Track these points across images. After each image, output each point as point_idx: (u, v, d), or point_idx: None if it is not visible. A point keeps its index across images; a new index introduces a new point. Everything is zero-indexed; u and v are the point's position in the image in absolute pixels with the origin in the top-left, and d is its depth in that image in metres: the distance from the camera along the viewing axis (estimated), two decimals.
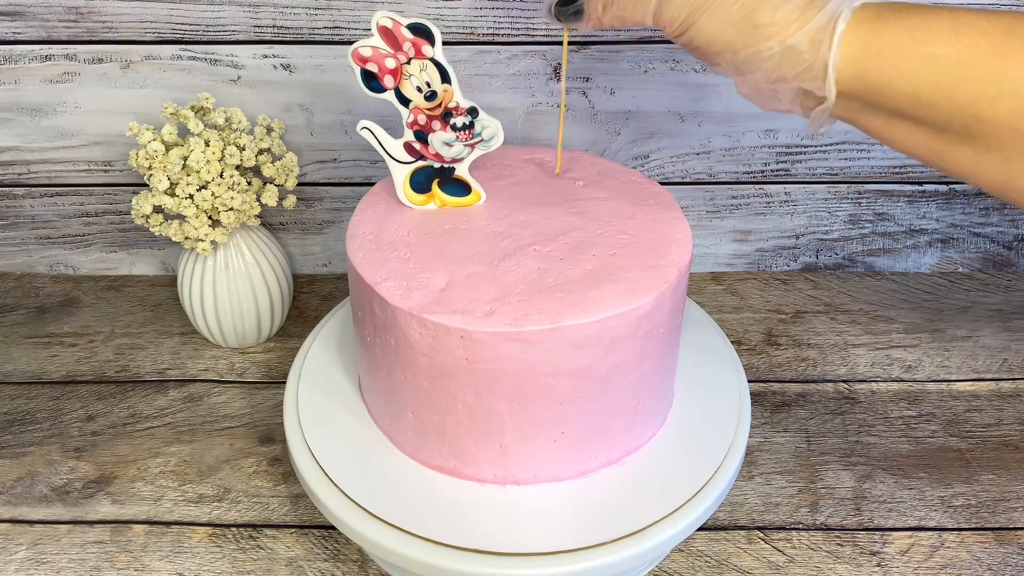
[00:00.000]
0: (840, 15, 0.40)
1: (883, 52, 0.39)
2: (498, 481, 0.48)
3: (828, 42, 0.40)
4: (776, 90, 0.42)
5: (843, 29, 0.39)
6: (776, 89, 0.42)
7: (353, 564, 0.54)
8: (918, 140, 0.41)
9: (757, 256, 0.79)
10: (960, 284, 0.77)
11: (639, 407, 0.49)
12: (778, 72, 0.41)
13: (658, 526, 0.46)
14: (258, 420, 0.64)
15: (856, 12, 0.40)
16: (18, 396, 0.66)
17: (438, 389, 0.46)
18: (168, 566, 0.54)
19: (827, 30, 0.40)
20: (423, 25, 0.46)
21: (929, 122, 0.40)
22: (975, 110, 0.39)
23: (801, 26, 0.40)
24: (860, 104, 0.41)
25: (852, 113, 0.42)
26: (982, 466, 0.60)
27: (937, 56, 0.39)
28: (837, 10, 0.40)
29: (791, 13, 0.40)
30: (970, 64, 0.38)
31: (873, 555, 0.54)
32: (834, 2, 0.40)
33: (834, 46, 0.40)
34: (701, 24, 0.42)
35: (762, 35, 0.41)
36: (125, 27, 0.67)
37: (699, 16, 0.42)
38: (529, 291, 0.45)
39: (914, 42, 0.39)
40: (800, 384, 0.67)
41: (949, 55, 0.38)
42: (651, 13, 0.43)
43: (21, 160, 0.73)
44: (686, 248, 0.48)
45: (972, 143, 0.40)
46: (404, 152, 0.50)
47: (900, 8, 0.40)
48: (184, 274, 0.67)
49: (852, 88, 0.41)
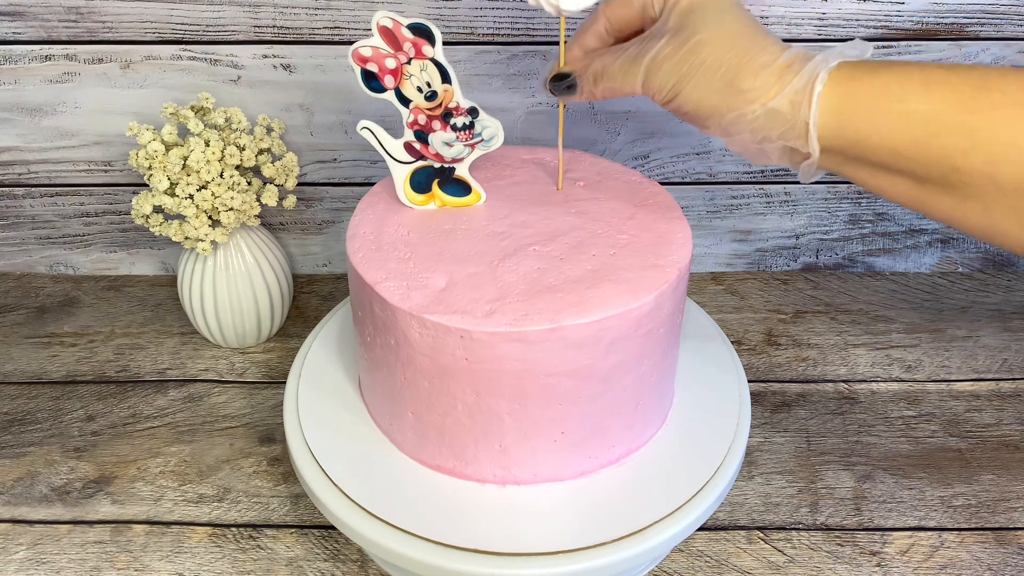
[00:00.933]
0: (817, 76, 0.42)
1: (859, 110, 0.41)
2: (498, 481, 0.48)
3: (807, 103, 0.42)
4: (764, 149, 0.44)
5: (820, 90, 0.41)
6: (763, 148, 0.44)
7: (353, 564, 0.54)
8: (902, 190, 0.43)
9: (757, 256, 0.79)
10: (960, 284, 0.77)
11: (639, 407, 0.49)
12: (763, 132, 0.43)
13: (658, 526, 0.46)
14: (258, 420, 0.64)
15: (832, 72, 0.42)
16: (18, 396, 0.66)
17: (438, 389, 0.46)
18: (168, 566, 0.54)
19: (806, 91, 0.42)
20: (423, 25, 0.46)
21: (910, 173, 0.42)
22: (951, 162, 0.40)
23: (781, 89, 0.42)
24: (844, 158, 0.43)
25: (838, 166, 0.44)
26: (982, 466, 0.60)
27: (910, 112, 0.40)
28: (814, 72, 0.42)
29: (770, 77, 0.42)
30: (942, 119, 0.40)
31: (873, 555, 0.54)
32: (811, 64, 0.42)
33: (813, 106, 0.42)
34: (687, 92, 0.44)
35: (745, 99, 0.43)
36: (125, 27, 0.67)
37: (685, 85, 0.44)
38: (529, 291, 0.45)
39: (888, 99, 0.41)
40: (800, 384, 0.67)
41: (922, 111, 0.40)
42: (640, 83, 0.45)
43: (21, 160, 0.73)
44: (686, 248, 0.48)
45: (953, 192, 0.42)
46: (404, 152, 0.50)
47: (873, 67, 0.42)
48: (184, 274, 0.67)
49: (834, 144, 0.42)
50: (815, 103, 0.42)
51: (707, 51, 0.43)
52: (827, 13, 0.66)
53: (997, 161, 0.39)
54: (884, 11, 0.66)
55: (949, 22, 0.66)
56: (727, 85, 0.43)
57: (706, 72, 0.43)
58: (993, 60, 0.68)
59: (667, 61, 0.44)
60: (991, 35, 0.67)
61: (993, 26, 0.66)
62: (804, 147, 0.43)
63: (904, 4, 0.65)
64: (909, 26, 0.66)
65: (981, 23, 0.66)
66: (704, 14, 0.44)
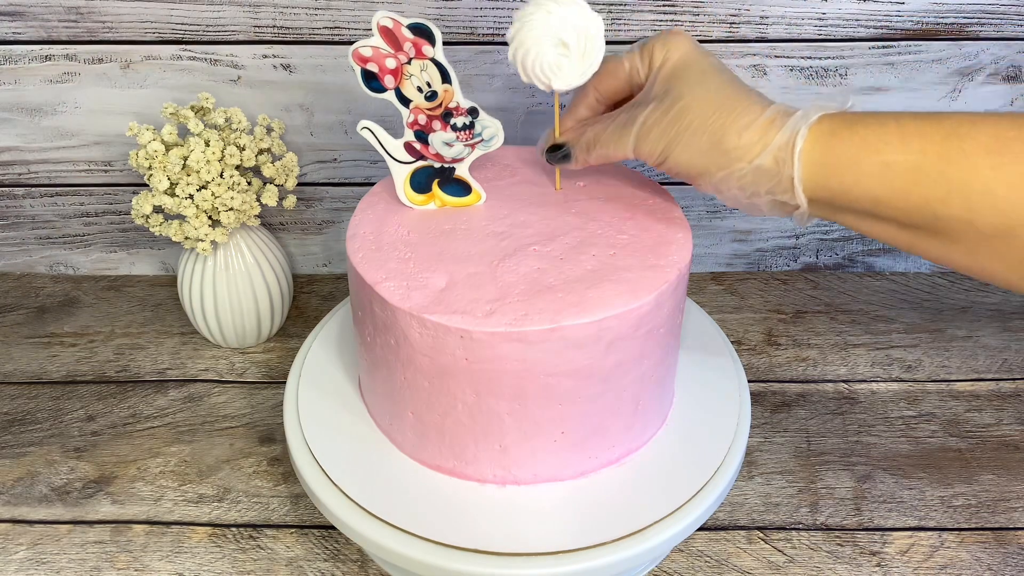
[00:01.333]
0: (799, 133, 0.43)
1: (840, 163, 0.43)
2: (498, 481, 0.48)
3: (790, 159, 0.43)
4: (754, 202, 0.46)
5: (802, 146, 0.43)
6: (754, 202, 0.46)
7: (353, 564, 0.54)
8: (891, 235, 0.44)
9: (757, 256, 0.79)
10: (960, 284, 0.77)
11: (639, 407, 0.49)
12: (752, 188, 0.45)
13: (658, 526, 0.46)
14: (258, 420, 0.64)
15: (812, 128, 0.43)
16: (18, 396, 0.66)
17: (438, 389, 0.46)
18: (168, 566, 0.54)
19: (788, 148, 0.43)
20: (423, 25, 0.46)
21: (894, 220, 0.43)
22: (931, 209, 0.41)
23: (764, 146, 0.43)
24: (831, 207, 0.44)
25: (827, 213, 0.45)
26: (982, 466, 0.60)
27: (889, 163, 0.42)
28: (795, 128, 0.43)
29: (753, 135, 0.44)
30: (919, 169, 0.41)
31: (873, 555, 0.54)
32: (792, 120, 0.43)
33: (796, 162, 0.43)
34: (676, 155, 0.46)
35: (731, 159, 0.44)
36: (125, 27, 0.67)
37: (673, 148, 0.46)
38: (529, 291, 0.45)
39: (867, 152, 0.42)
40: (800, 384, 0.67)
41: (900, 162, 0.41)
42: (631, 149, 0.47)
43: (21, 160, 0.73)
44: (686, 248, 0.48)
45: (938, 237, 0.43)
46: (404, 152, 0.50)
47: (852, 120, 0.43)
48: (184, 274, 0.67)
49: (819, 195, 0.44)
50: (797, 159, 0.43)
51: (692, 115, 0.45)
52: (827, 13, 0.66)
53: (975, 208, 0.40)
54: (884, 11, 0.66)
55: (949, 22, 0.66)
56: (713, 146, 0.44)
57: (692, 135, 0.45)
58: (993, 60, 0.68)
59: (655, 127, 0.46)
60: (991, 35, 0.67)
61: (993, 26, 0.66)
62: (792, 200, 0.44)
63: (904, 4, 0.65)
64: (909, 26, 0.66)
65: (981, 23, 0.66)
66: (687, 78, 0.46)
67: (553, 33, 0.46)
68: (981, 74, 0.69)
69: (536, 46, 0.46)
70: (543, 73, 0.47)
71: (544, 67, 0.47)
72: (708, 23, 0.66)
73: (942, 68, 0.68)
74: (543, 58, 0.46)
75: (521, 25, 0.46)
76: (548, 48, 0.46)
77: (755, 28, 0.66)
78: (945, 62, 0.68)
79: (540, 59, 0.46)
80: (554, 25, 0.46)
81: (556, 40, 0.46)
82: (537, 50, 0.46)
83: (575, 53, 0.47)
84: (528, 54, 0.46)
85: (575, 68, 0.47)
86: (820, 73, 0.68)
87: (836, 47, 0.67)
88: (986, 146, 0.40)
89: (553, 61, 0.47)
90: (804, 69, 0.68)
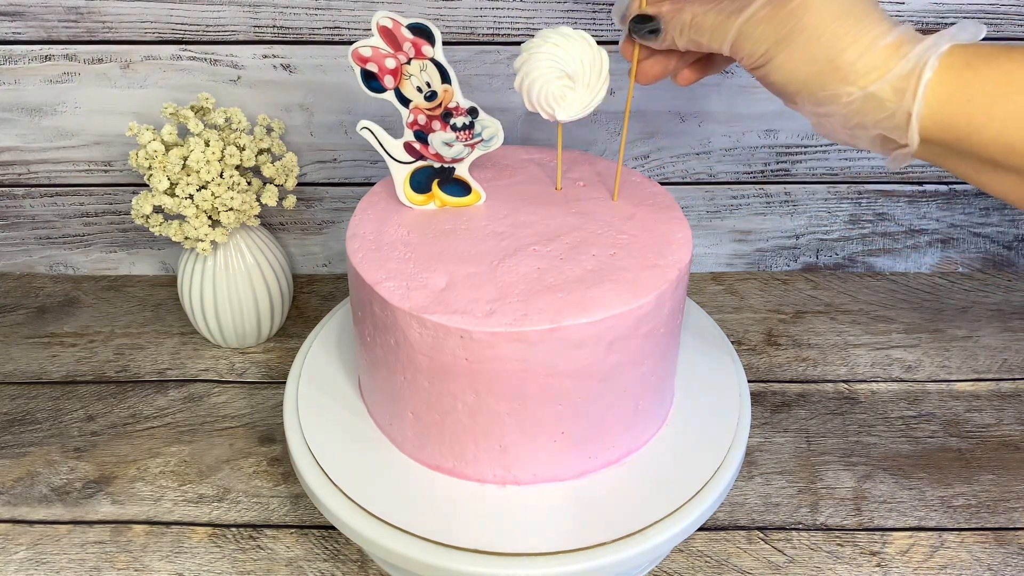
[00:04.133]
0: (927, 62, 0.37)
1: (973, 100, 0.37)
2: (498, 481, 0.48)
3: (912, 91, 0.38)
4: (855, 135, 0.41)
5: (930, 77, 0.37)
6: (855, 134, 0.41)
7: (353, 564, 0.54)
8: (1011, 187, 0.39)
9: (757, 256, 0.79)
10: (960, 284, 0.77)
11: (639, 407, 0.49)
12: (857, 118, 0.40)
13: (658, 526, 0.46)
14: (258, 420, 0.64)
15: (943, 58, 0.38)
16: (18, 396, 0.66)
17: (438, 389, 0.46)
18: (168, 566, 0.54)
19: (912, 77, 0.38)
20: (423, 25, 0.46)
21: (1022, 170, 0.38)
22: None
23: (884, 73, 0.38)
24: (946, 150, 0.39)
25: (938, 158, 0.40)
26: (982, 466, 0.60)
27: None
28: (923, 57, 0.38)
29: (875, 58, 0.38)
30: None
31: (873, 555, 0.54)
32: (919, 47, 0.38)
33: (919, 95, 0.38)
34: (780, 60, 0.40)
35: (843, 79, 0.39)
36: (125, 27, 0.67)
37: (779, 52, 0.40)
38: (529, 291, 0.45)
39: (1010, 90, 0.37)
40: (800, 384, 0.67)
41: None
42: (729, 42, 0.42)
43: (21, 160, 0.73)
44: (686, 248, 0.48)
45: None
46: (404, 152, 0.50)
47: (992, 53, 0.37)
48: (184, 274, 0.67)
49: (938, 137, 0.39)
50: (921, 91, 0.37)
51: (809, 17, 0.39)
52: None
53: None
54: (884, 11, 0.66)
55: (949, 22, 0.66)
56: (825, 59, 0.39)
57: (804, 41, 0.39)
58: None
59: (764, 22, 0.40)
60: (991, 35, 0.67)
61: (993, 26, 0.66)
62: (902, 138, 0.39)
63: (904, 4, 0.65)
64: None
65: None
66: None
67: (559, 65, 0.47)
68: None
69: (541, 77, 0.47)
70: (547, 104, 0.48)
71: (549, 98, 0.48)
72: None
73: None
74: (548, 89, 0.47)
75: (528, 56, 0.47)
76: (553, 80, 0.47)
77: None
78: None
79: (545, 90, 0.47)
80: (560, 57, 0.47)
81: (561, 72, 0.47)
82: (543, 81, 0.47)
83: (579, 85, 0.48)
84: (534, 85, 0.47)
85: (579, 100, 0.48)
86: None
87: None
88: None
89: (558, 93, 0.47)
90: None
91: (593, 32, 0.48)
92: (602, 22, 0.66)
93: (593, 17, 0.66)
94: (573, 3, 0.65)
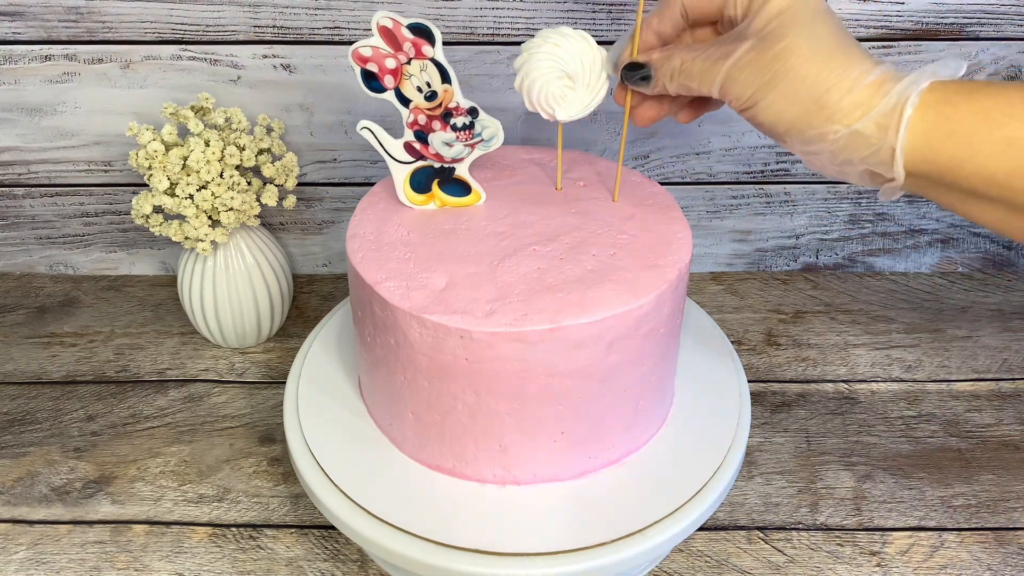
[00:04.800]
0: (908, 99, 0.39)
1: (954, 135, 0.39)
2: (498, 481, 0.48)
3: (895, 127, 0.39)
4: (844, 171, 0.42)
5: (911, 114, 0.39)
6: (844, 170, 0.42)
7: (353, 564, 0.54)
8: (995, 217, 0.40)
9: (757, 256, 0.79)
10: (960, 284, 0.77)
11: (639, 407, 0.49)
12: (845, 155, 0.41)
13: (658, 526, 0.46)
14: (258, 420, 0.64)
15: (924, 95, 0.39)
16: (18, 396, 0.66)
17: (438, 389, 0.46)
18: (168, 566, 0.54)
19: (894, 115, 0.39)
20: (423, 25, 0.46)
21: (1005, 201, 0.39)
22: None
23: (867, 110, 0.39)
24: (931, 183, 0.40)
25: (925, 190, 0.41)
26: (982, 466, 0.60)
27: (1013, 139, 0.38)
28: (904, 94, 0.39)
29: (859, 97, 0.40)
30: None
31: (873, 555, 0.54)
32: (901, 85, 0.39)
33: (901, 131, 0.39)
34: (767, 102, 0.42)
35: (828, 118, 0.40)
36: (125, 27, 0.67)
37: (766, 94, 0.41)
38: (529, 291, 0.45)
39: (987, 125, 0.38)
40: (800, 384, 0.67)
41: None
42: (718, 86, 0.43)
43: (21, 160, 0.73)
44: (686, 248, 0.48)
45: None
46: (404, 152, 0.50)
47: (970, 89, 0.39)
48: (184, 274, 0.67)
49: (922, 170, 0.40)
50: (903, 128, 0.39)
51: (793, 60, 0.40)
52: None
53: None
54: (884, 11, 0.66)
55: (949, 22, 0.66)
56: (811, 100, 0.40)
57: (790, 83, 0.41)
58: (993, 60, 0.68)
59: (749, 67, 0.42)
60: (991, 35, 0.67)
61: (993, 26, 0.66)
62: (888, 172, 0.40)
63: (904, 4, 0.65)
64: (909, 26, 0.66)
65: (981, 23, 0.66)
66: (793, 19, 0.41)
67: (558, 65, 0.47)
68: (981, 74, 0.69)
69: (542, 78, 0.47)
70: (547, 104, 0.48)
71: (549, 98, 0.48)
72: None
73: None
74: (548, 89, 0.47)
75: (529, 56, 0.47)
76: (553, 80, 0.47)
77: None
78: None
79: (545, 90, 0.48)
80: (560, 57, 0.47)
81: (561, 72, 0.47)
82: (543, 82, 0.47)
83: (579, 85, 0.48)
84: (534, 85, 0.47)
85: (579, 100, 0.48)
86: None
87: None
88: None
89: (558, 93, 0.48)
90: None
91: (593, 32, 0.48)
92: (602, 22, 0.66)
93: (593, 17, 0.66)
94: (573, 3, 0.65)
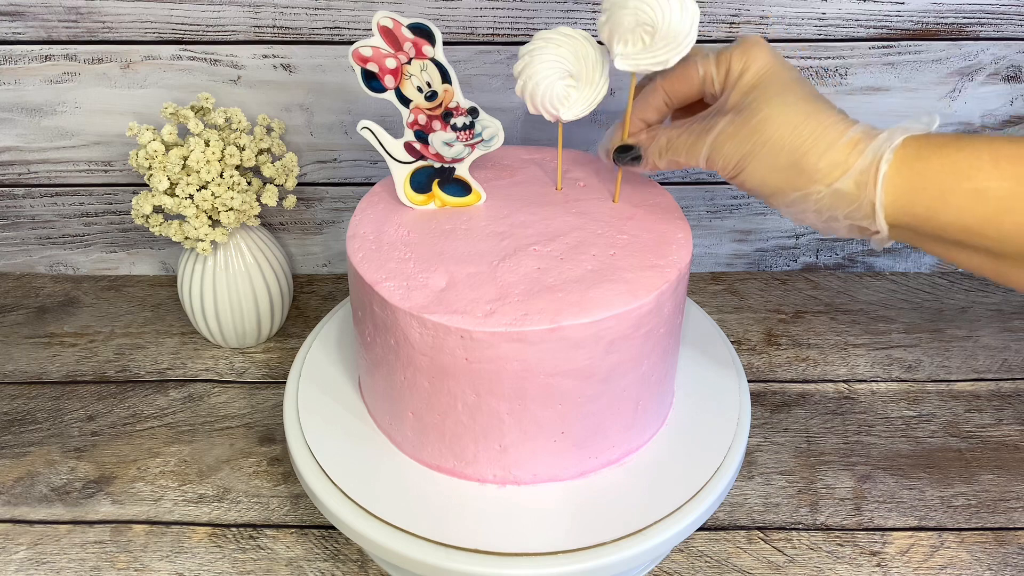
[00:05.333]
0: (883, 156, 0.41)
1: (927, 188, 0.41)
2: (498, 481, 0.48)
3: (872, 183, 0.41)
4: (831, 226, 0.44)
5: (886, 170, 0.41)
6: (831, 225, 0.44)
7: (353, 564, 0.54)
8: (977, 263, 0.42)
9: (757, 256, 0.79)
10: (960, 284, 0.77)
11: (639, 407, 0.49)
12: (829, 212, 0.43)
13: (658, 526, 0.46)
14: (258, 420, 0.64)
15: (897, 151, 0.41)
16: (18, 396, 0.66)
17: (438, 389, 0.46)
18: (168, 566, 0.54)
19: (871, 172, 0.41)
20: (423, 25, 0.46)
21: (983, 248, 0.41)
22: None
23: (845, 170, 0.42)
24: (914, 233, 0.42)
25: (909, 239, 0.43)
26: (982, 466, 0.60)
27: (981, 190, 0.40)
28: (879, 151, 0.41)
29: (835, 157, 0.42)
30: (1014, 196, 0.39)
31: (873, 555, 0.54)
32: (875, 143, 0.41)
33: (879, 186, 0.41)
34: (751, 170, 0.44)
35: (809, 179, 0.42)
36: (125, 27, 0.67)
37: (748, 163, 0.44)
38: (529, 291, 0.45)
39: (956, 177, 0.40)
40: (800, 384, 0.67)
41: (993, 188, 0.39)
42: (703, 159, 0.46)
43: (21, 160, 0.73)
44: (686, 248, 0.48)
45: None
46: (404, 152, 0.50)
47: (940, 143, 0.41)
48: (184, 274, 0.67)
49: (902, 222, 0.42)
50: (880, 183, 0.41)
51: (771, 130, 0.43)
52: (827, 13, 0.66)
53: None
54: (884, 11, 0.66)
55: (949, 22, 0.66)
56: (791, 165, 0.43)
57: (769, 151, 0.43)
58: (993, 60, 0.68)
59: (731, 139, 0.44)
60: (991, 35, 0.67)
61: (993, 26, 0.66)
62: (871, 226, 0.42)
63: (904, 4, 0.65)
64: (909, 26, 0.66)
65: (981, 23, 0.66)
66: (767, 91, 0.44)
67: (560, 66, 0.47)
68: (981, 74, 0.69)
69: (545, 80, 0.47)
70: (551, 105, 0.48)
71: (553, 99, 0.48)
72: (708, 23, 0.66)
73: (942, 68, 0.68)
74: (552, 90, 0.47)
75: (530, 59, 0.47)
76: (556, 80, 0.47)
77: (755, 28, 0.66)
78: (945, 62, 0.68)
79: (550, 92, 0.47)
80: (562, 56, 0.47)
81: (563, 72, 0.47)
82: (547, 84, 0.47)
83: (582, 83, 0.48)
84: (538, 87, 0.47)
85: (583, 98, 0.48)
86: (820, 73, 0.68)
87: (836, 47, 0.67)
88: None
89: (562, 93, 0.48)
90: (804, 69, 0.68)
91: (593, 32, 0.48)
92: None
93: (593, 17, 0.66)
94: (573, 3, 0.65)
